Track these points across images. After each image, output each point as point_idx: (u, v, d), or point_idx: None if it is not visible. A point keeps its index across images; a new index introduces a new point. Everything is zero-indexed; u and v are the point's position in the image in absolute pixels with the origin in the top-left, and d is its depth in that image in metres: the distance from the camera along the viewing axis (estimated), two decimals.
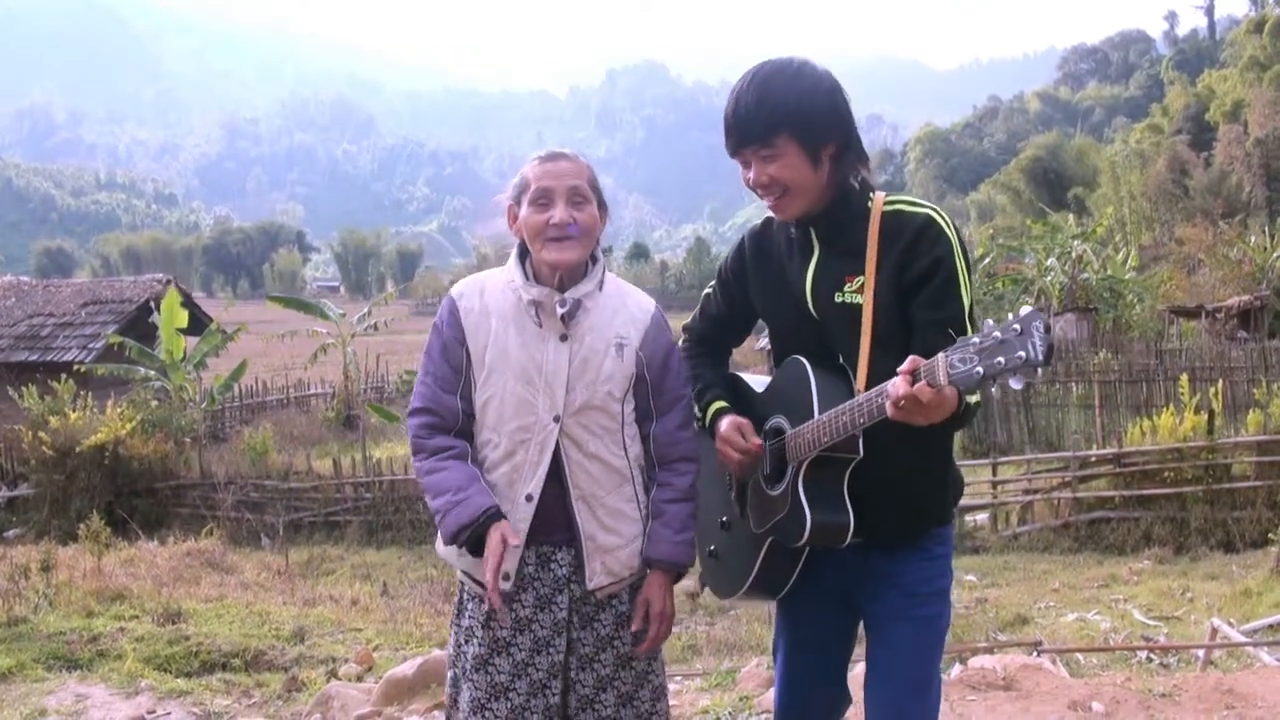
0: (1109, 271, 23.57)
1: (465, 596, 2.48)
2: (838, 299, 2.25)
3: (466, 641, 2.45)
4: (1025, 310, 1.77)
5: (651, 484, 2.50)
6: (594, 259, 2.44)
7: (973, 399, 2.05)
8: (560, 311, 2.36)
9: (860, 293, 2.22)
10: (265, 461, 13.98)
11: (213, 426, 18.93)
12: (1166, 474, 9.40)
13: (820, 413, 2.16)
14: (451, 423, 2.41)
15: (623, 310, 2.47)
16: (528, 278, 2.39)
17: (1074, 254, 23.45)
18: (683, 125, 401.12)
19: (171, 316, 16.50)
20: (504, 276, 2.45)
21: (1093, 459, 10.09)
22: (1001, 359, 1.76)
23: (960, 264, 2.18)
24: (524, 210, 2.37)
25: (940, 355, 1.85)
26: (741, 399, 2.52)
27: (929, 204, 2.25)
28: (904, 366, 1.91)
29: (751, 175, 2.26)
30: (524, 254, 2.44)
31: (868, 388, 2.11)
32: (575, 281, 2.40)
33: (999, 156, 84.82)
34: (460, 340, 2.41)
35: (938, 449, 2.33)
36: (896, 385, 1.90)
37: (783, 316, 2.42)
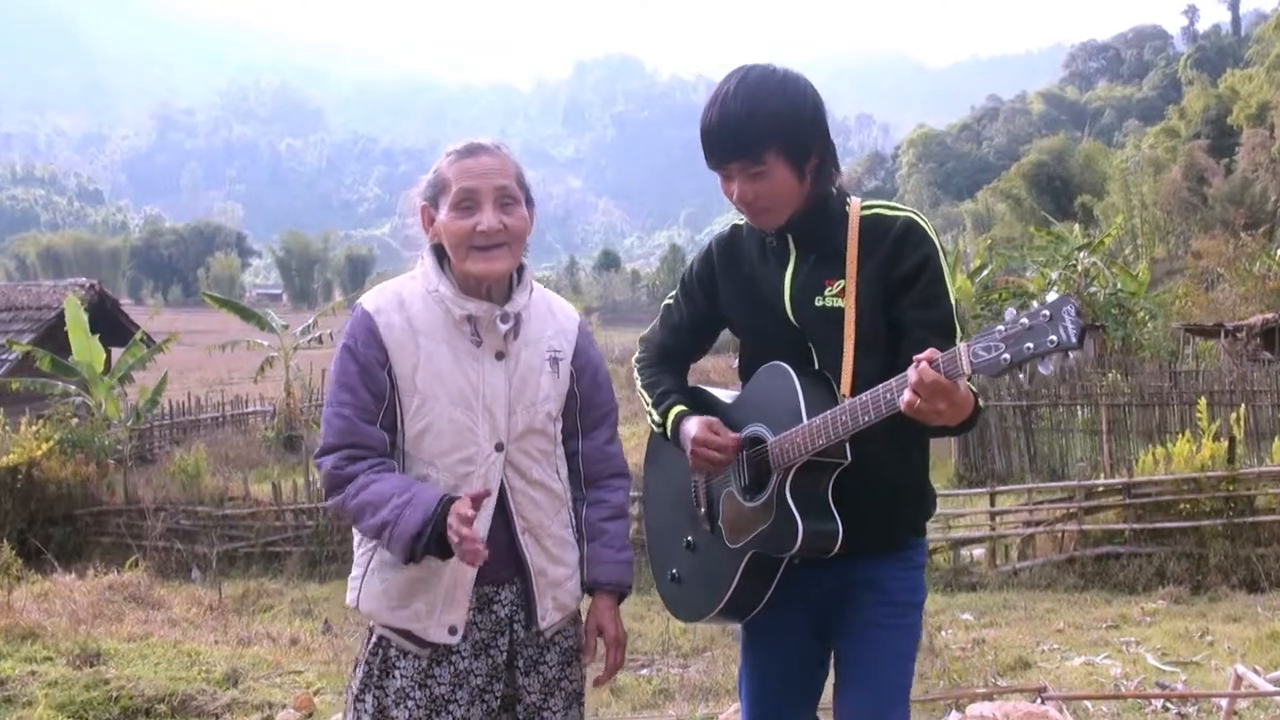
0: (1118, 286, 23.72)
1: (393, 655, 2.34)
2: (818, 303, 2.36)
3: (396, 706, 2.32)
4: (1053, 296, 1.89)
5: (579, 504, 2.49)
6: (520, 264, 2.39)
7: (980, 401, 2.17)
8: (504, 329, 2.30)
9: (841, 296, 2.34)
10: (197, 486, 13.83)
11: (139, 447, 18.73)
12: (1182, 506, 9.43)
13: (809, 416, 2.25)
14: (376, 454, 2.27)
15: (551, 320, 2.45)
16: (456, 289, 2.31)
17: (1080, 267, 23.61)
18: (657, 123, 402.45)
19: (79, 324, 16.23)
20: (421, 286, 2.35)
21: (1100, 489, 10.12)
22: (1030, 344, 1.88)
23: (944, 264, 2.33)
24: (443, 214, 2.29)
25: (961, 345, 1.98)
26: (706, 409, 2.56)
27: (908, 208, 2.39)
28: (922, 355, 2.01)
29: (735, 190, 2.34)
30: (440, 256, 2.36)
31: (853, 392, 2.22)
32: (503, 290, 2.34)
33: (998, 161, 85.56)
34: (381, 362, 2.28)
35: (918, 457, 2.49)
36: (921, 371, 1.99)
37: (758, 325, 2.49)
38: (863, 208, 2.38)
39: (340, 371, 2.31)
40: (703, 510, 2.54)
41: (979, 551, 10.38)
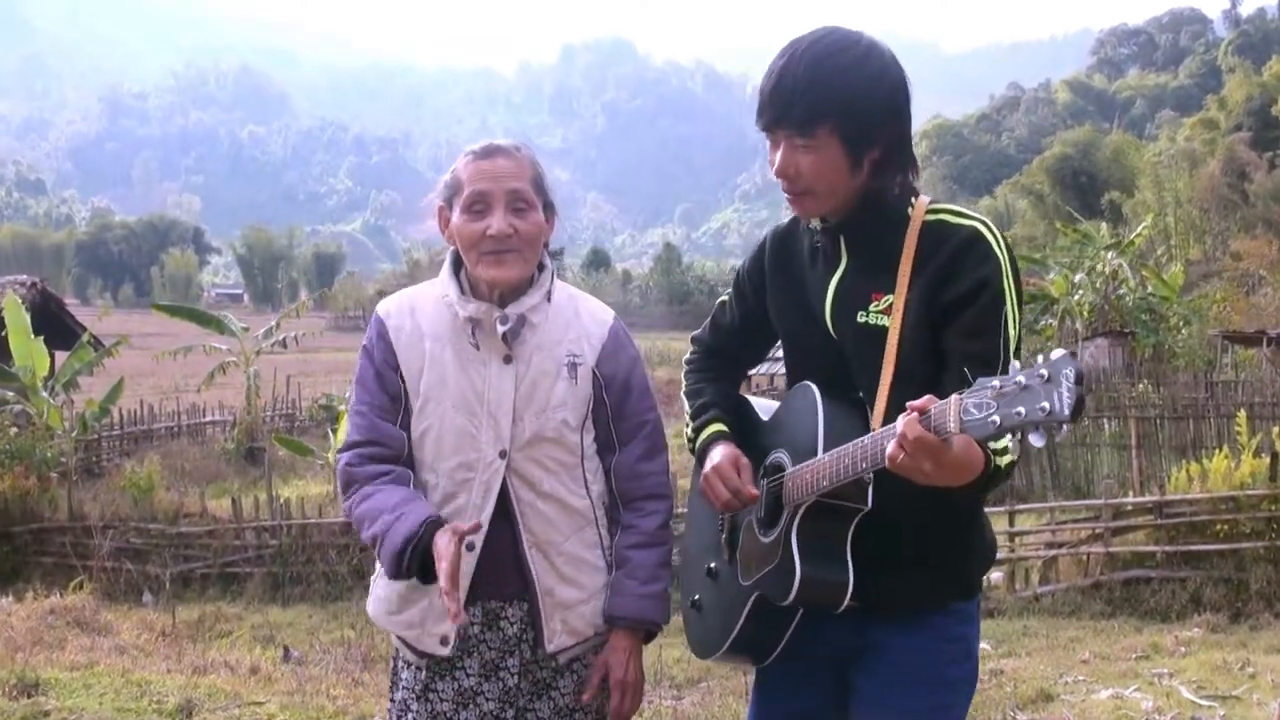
0: (1149, 289, 23.77)
1: (399, 665, 2.46)
2: (860, 319, 2.20)
3: (400, 717, 2.43)
4: (1056, 354, 1.72)
5: (616, 526, 2.50)
6: (540, 265, 2.44)
7: (1004, 460, 1.98)
8: (501, 330, 2.34)
9: (887, 314, 2.17)
10: (150, 501, 13.78)
11: (86, 459, 18.68)
12: (1219, 527, 9.44)
13: (825, 450, 2.12)
14: (395, 452, 2.39)
15: (575, 324, 2.47)
16: (463, 291, 2.38)
17: (1107, 269, 23.66)
18: (651, 112, 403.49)
19: (19, 325, 16.15)
20: (437, 290, 2.45)
21: (1129, 508, 10.14)
22: (1022, 409, 1.70)
23: (1008, 288, 2.12)
24: (456, 216, 2.36)
25: (954, 397, 1.80)
26: (746, 425, 2.48)
27: (978, 214, 2.21)
28: (915, 403, 1.85)
29: (778, 159, 2.19)
30: (458, 263, 2.43)
31: (886, 425, 2.02)
32: (518, 294, 2.38)
33: (1019, 154, 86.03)
34: (393, 365, 2.41)
35: (964, 505, 2.25)
36: (906, 424, 1.84)
37: (798, 334, 2.38)
38: (928, 210, 2.21)
39: (360, 374, 2.45)
40: (724, 536, 2.46)
41: (997, 575, 10.39)
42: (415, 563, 2.19)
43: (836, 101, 2.10)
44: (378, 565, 2.44)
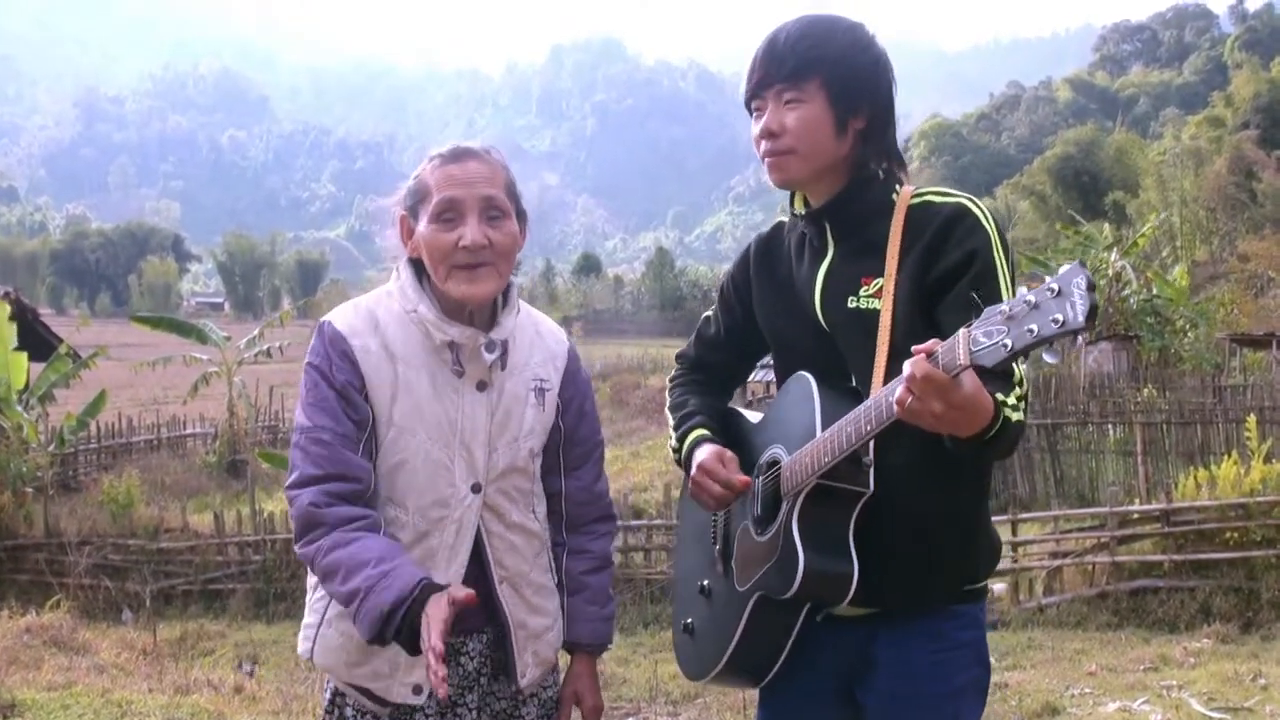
0: (1154, 291, 23.82)
1: (350, 714, 2.35)
2: (851, 304, 2.22)
3: None
4: (1065, 267, 1.72)
5: (559, 548, 2.48)
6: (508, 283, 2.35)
7: (1015, 415, 1.98)
8: (489, 359, 2.27)
9: (878, 297, 2.19)
10: (129, 516, 13.75)
11: (63, 473, 18.62)
12: (1229, 535, 9.44)
13: (822, 431, 2.12)
14: (362, 488, 2.20)
15: (539, 345, 2.42)
16: (438, 311, 2.26)
17: (1111, 270, 23.71)
18: (642, 113, 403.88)
19: None
20: (396, 305, 2.31)
21: (1135, 516, 10.15)
22: (1034, 326, 1.69)
23: (1000, 259, 2.14)
24: (423, 225, 2.24)
25: (961, 330, 1.79)
26: (734, 431, 2.49)
27: (963, 193, 2.25)
28: (921, 345, 1.84)
29: (764, 120, 2.24)
30: (420, 272, 2.31)
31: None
32: (487, 312, 2.31)
33: (1020, 154, 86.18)
34: (358, 388, 2.23)
35: (970, 495, 2.26)
36: (914, 363, 1.82)
37: (788, 336, 2.40)
38: (913, 195, 2.25)
39: (314, 396, 2.24)
40: (718, 548, 2.44)
41: (1000, 586, 10.40)
42: (405, 627, 2.02)
43: (826, 56, 2.20)
44: (323, 610, 2.32)
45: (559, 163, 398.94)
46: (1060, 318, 1.66)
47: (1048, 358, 1.71)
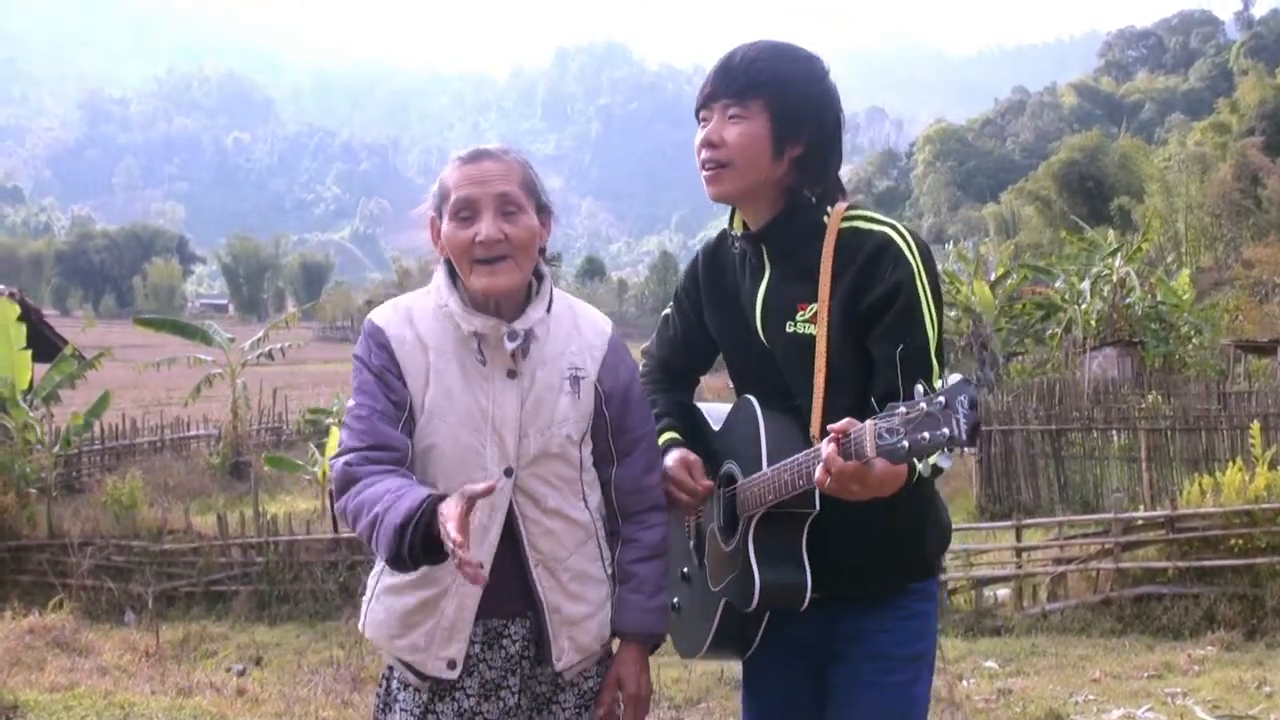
0: (1159, 297, 23.81)
1: (395, 686, 2.45)
2: (789, 329, 2.37)
3: None
4: (953, 379, 1.86)
5: (614, 537, 2.53)
6: (538, 275, 2.44)
7: (928, 470, 2.01)
8: (510, 347, 2.35)
9: (814, 323, 2.33)
10: (132, 518, 13.76)
11: (66, 474, 18.63)
12: (1234, 541, 9.44)
13: (769, 464, 2.30)
14: (399, 456, 2.32)
15: (576, 336, 2.48)
16: (465, 303, 2.37)
17: (1115, 276, 23.71)
18: (646, 117, 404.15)
19: (6, 334, 16.13)
20: (431, 300, 2.44)
21: (1140, 522, 10.15)
22: (926, 434, 1.85)
23: (922, 290, 2.27)
24: (445, 224, 2.36)
25: (869, 423, 1.94)
26: (698, 433, 2.65)
27: (889, 219, 2.36)
28: (835, 426, 2.00)
29: (707, 131, 2.38)
30: (453, 271, 2.43)
31: (823, 435, 2.15)
32: (516, 304, 2.39)
33: (1025, 160, 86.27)
34: (396, 374, 2.37)
35: (914, 495, 2.35)
36: (825, 456, 2.01)
37: (735, 344, 2.56)
38: (844, 217, 2.36)
39: (357, 381, 2.41)
40: (692, 543, 2.64)
41: (1004, 592, 10.40)
42: (419, 538, 2.08)
43: (775, 80, 2.33)
44: (374, 585, 2.45)
45: (563, 166, 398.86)
46: (947, 433, 1.83)
47: (941, 463, 1.87)
